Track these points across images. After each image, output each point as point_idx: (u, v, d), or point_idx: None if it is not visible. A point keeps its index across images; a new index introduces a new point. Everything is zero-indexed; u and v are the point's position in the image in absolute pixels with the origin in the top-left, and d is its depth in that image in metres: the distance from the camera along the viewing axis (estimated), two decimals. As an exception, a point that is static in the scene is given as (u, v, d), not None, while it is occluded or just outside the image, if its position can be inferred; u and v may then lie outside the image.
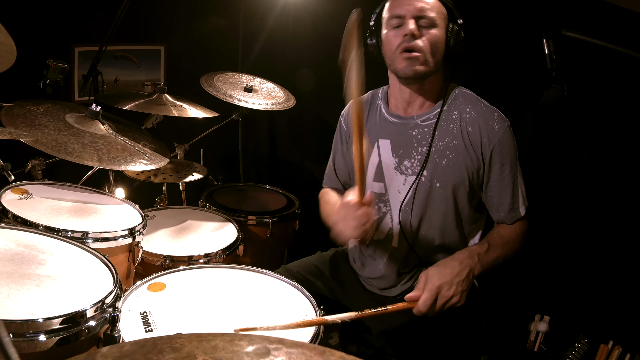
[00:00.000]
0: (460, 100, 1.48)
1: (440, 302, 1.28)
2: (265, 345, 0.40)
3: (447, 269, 1.31)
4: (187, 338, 0.39)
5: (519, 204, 1.48)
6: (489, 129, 1.42)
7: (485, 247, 1.41)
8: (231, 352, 0.39)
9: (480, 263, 1.36)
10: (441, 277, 1.29)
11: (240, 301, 1.31)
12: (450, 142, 1.45)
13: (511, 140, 1.44)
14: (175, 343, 0.39)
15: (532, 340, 2.00)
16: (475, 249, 1.41)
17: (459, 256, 1.36)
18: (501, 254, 1.42)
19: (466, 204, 1.49)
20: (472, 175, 1.46)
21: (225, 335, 0.41)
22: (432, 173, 1.47)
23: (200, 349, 0.38)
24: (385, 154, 1.54)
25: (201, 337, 0.40)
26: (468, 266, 1.33)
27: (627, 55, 1.29)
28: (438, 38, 1.40)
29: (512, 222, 1.49)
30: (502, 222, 1.51)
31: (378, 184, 1.56)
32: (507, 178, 1.45)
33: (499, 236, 1.48)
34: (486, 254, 1.39)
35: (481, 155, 1.44)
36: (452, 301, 1.29)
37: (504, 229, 1.50)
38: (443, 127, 1.46)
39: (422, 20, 1.39)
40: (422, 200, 1.49)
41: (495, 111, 1.45)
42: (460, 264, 1.33)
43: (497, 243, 1.44)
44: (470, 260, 1.35)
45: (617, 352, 1.81)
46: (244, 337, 0.41)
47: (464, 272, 1.31)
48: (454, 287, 1.29)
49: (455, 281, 1.29)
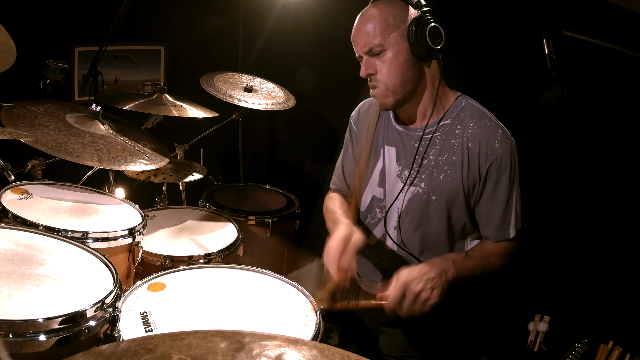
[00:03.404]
0: (465, 114, 1.44)
1: (409, 298, 1.26)
2: (238, 340, 0.40)
3: (417, 268, 1.30)
4: (161, 338, 0.39)
5: (509, 225, 1.45)
6: (489, 146, 1.39)
7: (462, 255, 1.42)
8: (206, 349, 0.39)
9: (455, 267, 1.34)
10: (409, 274, 1.28)
11: (240, 301, 1.31)
12: (449, 157, 1.43)
13: (511, 160, 1.40)
14: (149, 344, 0.39)
15: (532, 340, 2.00)
16: (451, 255, 1.42)
17: (432, 260, 1.36)
18: (478, 265, 1.41)
19: (461, 218, 1.49)
20: (468, 191, 1.45)
21: (198, 333, 0.41)
22: (429, 186, 1.46)
23: (174, 348, 0.38)
24: (389, 161, 1.54)
25: (174, 336, 0.40)
26: (439, 266, 1.32)
27: (627, 55, 1.29)
28: (395, 59, 1.35)
29: (496, 241, 1.47)
30: (488, 238, 1.50)
31: (379, 189, 1.56)
32: (500, 196, 1.43)
33: (480, 249, 1.48)
34: (462, 261, 1.38)
35: (478, 171, 1.42)
36: (421, 296, 1.26)
37: (487, 244, 1.49)
38: (444, 141, 1.44)
39: (373, 50, 1.36)
40: (418, 210, 1.49)
41: (499, 128, 1.41)
42: (432, 265, 1.32)
43: (477, 255, 1.44)
44: (443, 262, 1.34)
45: (617, 352, 1.81)
46: (217, 333, 0.41)
47: (434, 271, 1.30)
48: (422, 283, 1.26)
49: (424, 278, 1.27)
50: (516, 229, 1.46)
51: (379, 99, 1.43)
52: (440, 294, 1.29)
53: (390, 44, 1.34)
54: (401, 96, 1.40)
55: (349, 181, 1.73)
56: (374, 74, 1.38)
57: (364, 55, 1.38)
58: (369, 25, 1.35)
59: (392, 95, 1.39)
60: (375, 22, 1.34)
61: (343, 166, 1.73)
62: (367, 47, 1.36)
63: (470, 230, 1.53)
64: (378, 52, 1.36)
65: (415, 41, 1.33)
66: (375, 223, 1.59)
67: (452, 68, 2.12)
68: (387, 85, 1.38)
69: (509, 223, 1.45)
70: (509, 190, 1.42)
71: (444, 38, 1.34)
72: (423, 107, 1.46)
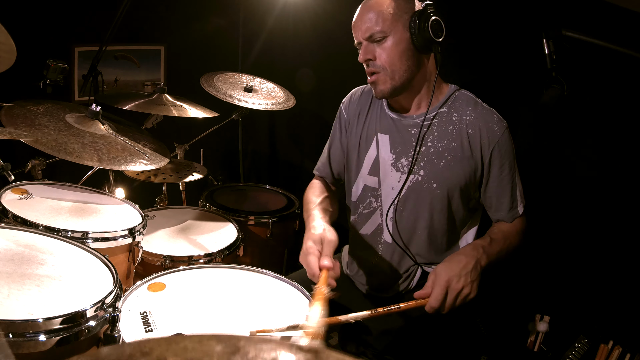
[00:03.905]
0: (460, 102, 1.47)
1: (452, 295, 1.27)
2: (234, 343, 0.40)
3: (453, 263, 1.31)
4: (156, 342, 0.40)
5: (517, 203, 1.49)
6: (489, 131, 1.43)
7: (488, 240, 1.42)
8: (201, 352, 0.39)
9: (486, 254, 1.36)
10: (449, 271, 1.29)
11: (240, 301, 1.31)
12: (449, 143, 1.45)
13: (510, 141, 1.45)
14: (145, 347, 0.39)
15: (532, 340, 1.99)
16: (479, 242, 1.42)
17: (464, 250, 1.37)
18: (504, 247, 1.43)
19: (461, 205, 1.50)
20: (469, 177, 1.46)
21: (194, 337, 0.41)
22: (430, 173, 1.47)
23: (170, 352, 0.39)
24: (383, 149, 1.54)
25: (169, 340, 0.40)
26: (474, 257, 1.33)
27: (627, 55, 1.29)
28: (395, 46, 1.37)
29: (511, 221, 1.50)
30: (501, 221, 1.52)
31: (372, 178, 1.56)
32: (506, 179, 1.46)
33: (499, 231, 1.49)
34: (490, 246, 1.40)
35: (480, 157, 1.44)
36: (463, 292, 1.28)
37: (504, 225, 1.51)
38: (442, 128, 1.46)
39: (374, 37, 1.38)
40: (416, 199, 1.49)
41: (494, 113, 1.46)
42: (466, 256, 1.33)
43: (499, 237, 1.45)
44: (475, 252, 1.35)
45: (617, 352, 1.81)
46: (212, 337, 0.41)
47: (471, 263, 1.31)
48: (463, 278, 1.28)
49: (463, 273, 1.29)
50: (523, 204, 1.50)
51: (376, 85, 1.44)
52: (478, 286, 1.31)
53: (392, 32, 1.37)
54: (399, 83, 1.41)
55: (334, 168, 1.73)
56: (372, 59, 1.40)
57: (364, 41, 1.40)
58: (372, 12, 1.38)
59: (390, 82, 1.41)
60: (378, 9, 1.37)
61: (329, 153, 1.73)
62: (369, 33, 1.38)
63: (467, 220, 1.55)
64: (379, 39, 1.38)
65: (416, 32, 1.35)
66: (370, 213, 1.59)
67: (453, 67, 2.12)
68: (386, 71, 1.40)
69: (517, 201, 1.49)
70: (512, 170, 1.47)
71: (444, 32, 1.36)
72: (419, 98, 1.48)
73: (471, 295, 1.30)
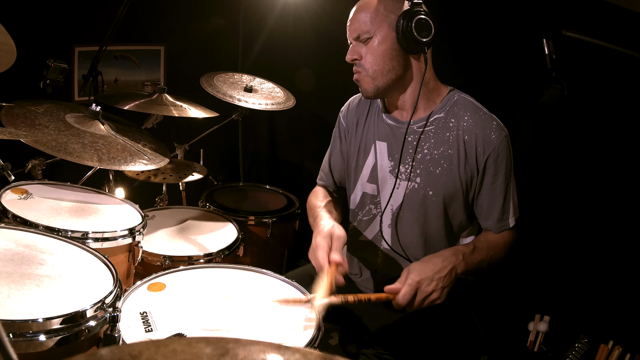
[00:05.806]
0: (458, 107, 1.44)
1: (420, 297, 1.27)
2: (223, 345, 0.40)
3: (429, 264, 1.30)
4: (144, 345, 0.40)
5: (508, 215, 1.47)
6: (486, 138, 1.40)
7: (470, 248, 1.41)
8: (191, 355, 0.39)
9: (465, 262, 1.35)
10: (422, 272, 1.28)
11: (240, 301, 1.31)
12: (445, 151, 1.43)
13: (507, 150, 1.42)
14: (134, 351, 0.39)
15: (532, 340, 2.00)
16: (461, 248, 1.41)
17: (443, 253, 1.36)
18: (486, 258, 1.42)
19: (458, 213, 1.49)
20: (466, 185, 1.45)
21: (182, 339, 0.42)
22: (426, 181, 1.46)
23: (159, 354, 0.39)
24: (381, 156, 1.53)
25: (158, 343, 0.40)
26: (451, 263, 1.32)
27: (627, 55, 1.29)
28: (379, 46, 1.37)
29: (498, 232, 1.49)
30: (489, 230, 1.51)
31: (371, 186, 1.56)
32: (499, 188, 1.44)
33: (485, 240, 1.48)
34: (471, 254, 1.39)
35: (475, 164, 1.42)
36: (431, 297, 1.28)
37: (491, 235, 1.50)
38: (439, 135, 1.44)
39: (361, 37, 1.39)
40: (414, 206, 1.48)
41: (494, 120, 1.42)
42: (443, 260, 1.32)
43: (483, 247, 1.44)
44: (454, 258, 1.34)
45: (617, 352, 1.81)
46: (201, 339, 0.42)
47: (446, 269, 1.30)
48: (434, 283, 1.28)
49: (435, 277, 1.28)
50: (515, 218, 1.48)
51: (360, 84, 1.45)
52: (448, 293, 1.30)
53: (377, 32, 1.37)
54: (382, 83, 1.41)
55: (335, 177, 1.73)
56: (358, 59, 1.41)
57: (353, 41, 1.42)
58: (361, 13, 1.39)
59: (372, 82, 1.41)
60: (367, 10, 1.38)
61: (330, 162, 1.73)
62: (356, 34, 1.39)
63: (466, 226, 1.54)
64: (365, 39, 1.39)
65: (401, 32, 1.34)
66: (369, 220, 1.59)
67: (452, 68, 2.12)
68: (368, 72, 1.40)
69: (508, 213, 1.47)
70: (507, 181, 1.44)
71: (432, 32, 1.34)
72: (411, 100, 1.46)
73: (439, 301, 1.29)
